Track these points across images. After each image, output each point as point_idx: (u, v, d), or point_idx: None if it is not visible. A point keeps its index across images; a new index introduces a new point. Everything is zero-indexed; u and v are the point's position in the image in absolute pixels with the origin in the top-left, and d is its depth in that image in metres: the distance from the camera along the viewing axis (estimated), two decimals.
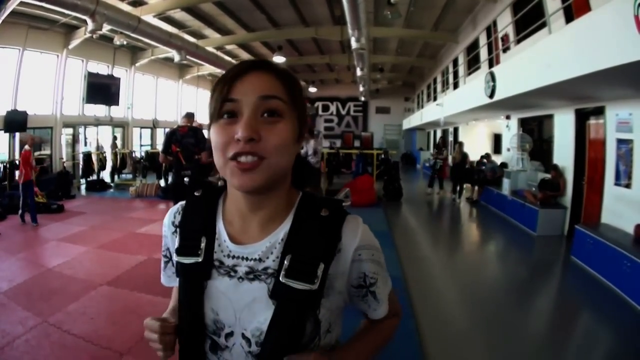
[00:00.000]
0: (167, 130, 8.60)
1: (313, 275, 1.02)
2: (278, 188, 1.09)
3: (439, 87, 20.64)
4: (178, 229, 1.19)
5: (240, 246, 1.09)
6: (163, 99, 23.45)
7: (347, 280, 1.11)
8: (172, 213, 1.25)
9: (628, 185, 6.92)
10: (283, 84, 1.05)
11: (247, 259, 1.07)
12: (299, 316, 1.01)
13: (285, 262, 1.02)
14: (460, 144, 14.72)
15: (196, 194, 1.21)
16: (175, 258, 1.14)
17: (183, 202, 1.24)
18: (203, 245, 1.10)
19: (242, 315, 1.05)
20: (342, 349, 1.16)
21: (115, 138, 19.17)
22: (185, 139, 7.48)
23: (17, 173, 9.20)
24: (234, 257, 1.08)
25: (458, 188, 14.01)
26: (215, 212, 1.16)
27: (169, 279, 1.32)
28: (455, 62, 17.21)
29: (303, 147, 10.47)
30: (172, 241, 1.23)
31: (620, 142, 7.13)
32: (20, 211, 9.09)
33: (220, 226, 1.13)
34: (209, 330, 1.09)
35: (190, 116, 7.89)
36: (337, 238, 1.07)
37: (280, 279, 1.01)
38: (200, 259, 1.09)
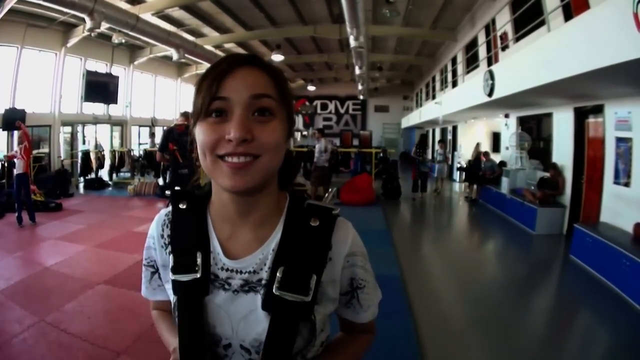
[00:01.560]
0: (165, 128, 8.59)
1: (306, 287, 1.01)
2: (267, 188, 1.07)
3: (437, 85, 20.64)
4: (170, 246, 1.14)
5: (234, 261, 1.06)
6: (161, 98, 23.42)
7: (339, 287, 1.13)
8: (159, 225, 1.20)
9: (627, 184, 6.91)
10: (274, 82, 1.02)
11: (241, 272, 1.05)
12: (294, 326, 1.00)
13: (278, 274, 1.01)
14: (477, 144, 14.68)
15: (181, 206, 1.15)
16: (171, 276, 1.09)
17: (168, 210, 1.19)
18: (199, 261, 1.06)
19: (239, 328, 1.03)
20: None
21: (153, 135, 19.23)
22: (182, 138, 7.47)
23: (17, 162, 9.08)
24: (227, 270, 1.06)
25: (475, 186, 13.94)
26: (206, 224, 1.12)
27: (154, 292, 1.28)
28: (454, 61, 17.16)
29: (316, 145, 10.94)
30: (160, 255, 1.19)
31: (619, 140, 7.12)
32: (16, 213, 9.02)
33: (213, 239, 1.10)
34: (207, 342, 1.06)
35: (187, 115, 7.87)
36: (327, 247, 1.07)
37: (274, 291, 1.00)
38: (198, 275, 1.05)
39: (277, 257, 1.04)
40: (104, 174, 17.01)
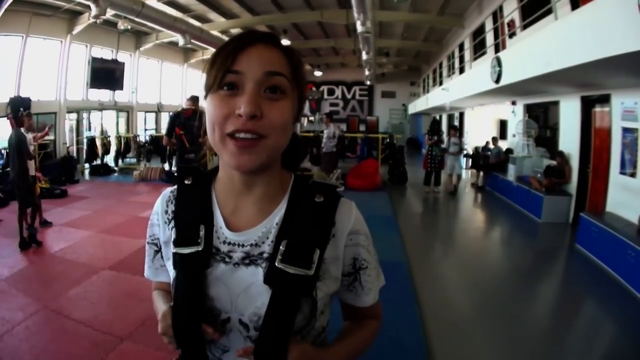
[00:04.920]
0: (171, 113, 8.57)
1: (309, 261, 1.01)
2: (272, 167, 1.08)
3: (444, 71, 20.56)
4: (173, 221, 1.14)
5: (236, 233, 1.07)
6: (168, 83, 23.40)
7: (342, 266, 1.12)
8: (164, 201, 1.20)
9: (633, 175, 6.86)
10: (288, 61, 1.02)
11: (242, 245, 1.05)
12: (295, 301, 1.00)
13: (281, 247, 1.01)
14: (494, 138, 14.43)
15: (186, 182, 1.16)
16: (172, 250, 1.10)
17: (173, 188, 1.20)
18: (202, 233, 1.06)
19: (238, 301, 1.03)
20: (325, 350, 1.12)
21: None
22: (189, 122, 7.43)
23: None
24: (229, 243, 1.06)
25: (481, 173, 13.81)
26: (210, 199, 1.13)
27: (156, 272, 1.28)
28: (461, 47, 17.11)
29: (324, 131, 11.01)
30: (163, 231, 1.19)
31: (625, 130, 7.07)
32: None
33: (217, 213, 1.10)
34: (205, 317, 1.05)
35: (194, 99, 7.82)
36: (331, 224, 1.07)
37: (276, 264, 1.00)
38: (200, 248, 1.05)
39: (281, 230, 1.04)
40: (109, 159, 17.01)
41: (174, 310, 1.05)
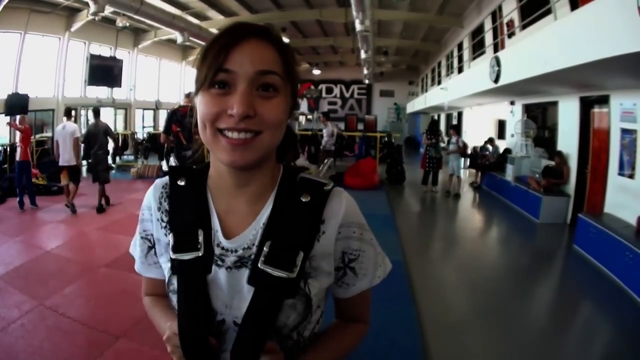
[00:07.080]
0: (168, 110, 8.56)
1: (292, 264, 0.99)
2: (265, 163, 1.05)
3: (443, 71, 20.58)
4: (168, 225, 1.12)
5: (229, 240, 1.05)
6: (166, 81, 23.40)
7: (334, 261, 1.10)
8: (156, 197, 1.17)
9: (631, 176, 6.86)
10: (281, 57, 1.00)
11: (235, 250, 1.03)
12: (276, 302, 0.99)
13: (265, 248, 1.00)
14: (491, 139, 14.45)
15: (180, 183, 1.12)
16: (172, 255, 1.06)
17: (165, 182, 1.17)
18: (201, 238, 1.04)
19: (232, 303, 1.02)
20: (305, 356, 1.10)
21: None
22: (186, 119, 7.40)
23: (17, 150, 9.16)
24: (222, 248, 1.04)
25: (479, 173, 13.83)
26: (206, 200, 1.10)
27: (149, 268, 1.25)
28: (460, 47, 17.12)
29: (324, 130, 11.06)
30: (156, 228, 1.17)
31: (624, 131, 7.08)
32: (18, 197, 9.01)
33: (213, 216, 1.08)
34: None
35: (191, 96, 7.80)
36: (318, 223, 1.05)
37: (259, 265, 0.98)
38: (200, 253, 1.03)
39: (266, 231, 1.03)
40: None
41: (180, 322, 1.03)
